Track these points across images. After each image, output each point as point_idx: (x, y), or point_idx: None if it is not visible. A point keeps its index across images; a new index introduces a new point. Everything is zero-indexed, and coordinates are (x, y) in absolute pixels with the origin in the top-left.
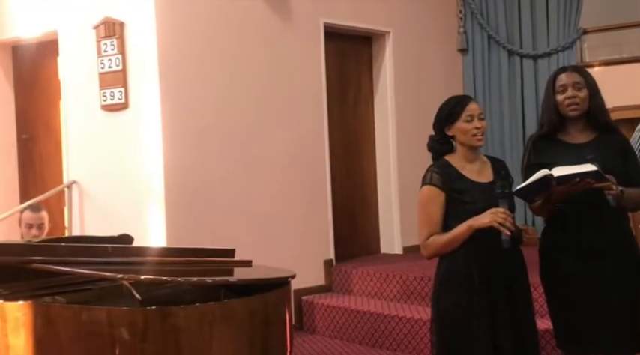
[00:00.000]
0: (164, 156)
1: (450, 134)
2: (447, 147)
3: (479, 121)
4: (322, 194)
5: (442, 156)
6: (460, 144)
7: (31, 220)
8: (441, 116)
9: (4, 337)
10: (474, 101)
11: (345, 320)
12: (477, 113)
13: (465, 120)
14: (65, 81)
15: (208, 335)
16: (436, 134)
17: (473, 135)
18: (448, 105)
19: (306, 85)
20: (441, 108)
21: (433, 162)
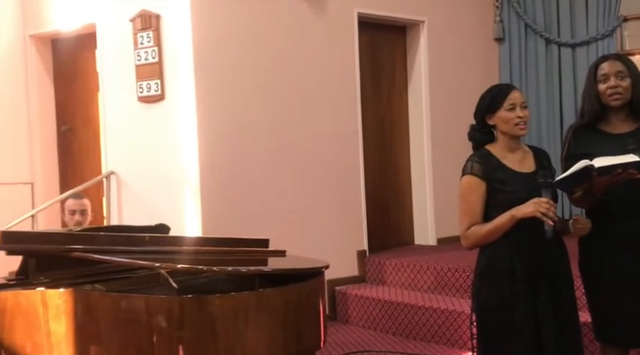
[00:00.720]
0: (199, 147)
1: (492, 123)
2: (488, 137)
3: (521, 110)
4: (355, 185)
5: (483, 146)
6: (502, 133)
7: (74, 206)
8: (482, 105)
9: (45, 323)
10: (516, 90)
11: (379, 311)
12: (519, 102)
13: (507, 109)
14: (103, 73)
15: (243, 324)
16: (477, 123)
17: (515, 125)
18: (490, 93)
19: (340, 75)
20: (483, 96)
21: (474, 151)
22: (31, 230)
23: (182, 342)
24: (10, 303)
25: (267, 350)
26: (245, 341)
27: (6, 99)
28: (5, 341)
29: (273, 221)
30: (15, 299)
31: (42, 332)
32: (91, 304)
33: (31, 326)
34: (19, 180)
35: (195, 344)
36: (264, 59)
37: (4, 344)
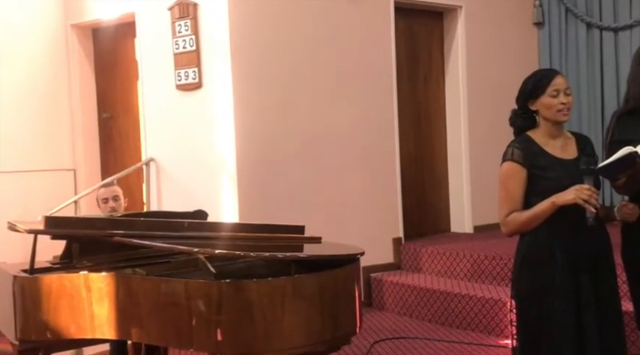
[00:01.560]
0: (236, 134)
1: (534, 109)
2: (530, 123)
3: (565, 96)
4: (391, 172)
5: (524, 132)
6: (544, 119)
7: (106, 194)
8: (525, 90)
9: (89, 306)
10: (560, 75)
11: (415, 298)
12: (563, 88)
13: (551, 95)
14: (142, 61)
15: (280, 309)
16: (519, 108)
17: (558, 111)
18: (533, 78)
19: (376, 62)
20: (526, 81)
21: (515, 137)
22: (74, 215)
23: (220, 326)
24: (55, 286)
25: (304, 335)
26: (282, 326)
27: (49, 88)
28: (50, 323)
29: (309, 207)
30: (60, 282)
31: (85, 314)
32: (132, 288)
33: (75, 308)
34: (62, 166)
35: (233, 327)
36: (301, 46)
37: (49, 326)
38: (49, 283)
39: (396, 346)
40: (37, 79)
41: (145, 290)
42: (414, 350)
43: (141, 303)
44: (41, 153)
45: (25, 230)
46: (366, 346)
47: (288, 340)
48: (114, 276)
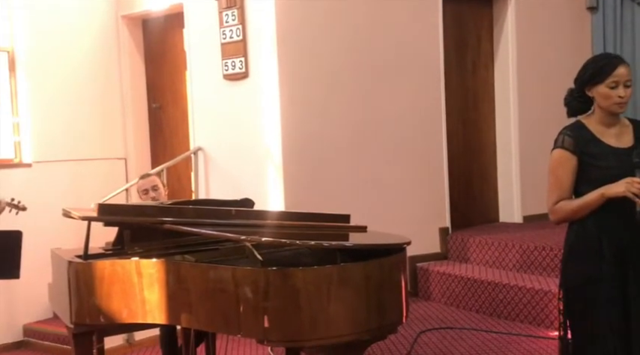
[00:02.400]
0: (282, 123)
1: (590, 95)
2: (585, 106)
3: (624, 89)
4: (438, 160)
5: (578, 114)
6: (599, 107)
7: (145, 185)
8: (584, 74)
9: (140, 291)
10: (624, 65)
11: (462, 288)
12: (623, 80)
13: (609, 86)
14: (190, 52)
15: (326, 297)
16: (576, 90)
17: (614, 103)
18: (594, 65)
19: (423, 50)
20: (587, 65)
21: (567, 117)
22: (126, 203)
23: (267, 313)
24: (107, 272)
25: (350, 323)
26: (328, 314)
27: (101, 79)
28: (104, 307)
29: (354, 196)
30: (112, 268)
31: (137, 299)
32: (182, 274)
33: (127, 293)
34: (113, 155)
35: (280, 315)
36: (347, 34)
37: (102, 310)
38: (102, 269)
39: (442, 336)
40: (90, 70)
41: (194, 276)
42: (462, 340)
43: (190, 289)
44: (94, 143)
45: (79, 217)
46: (413, 335)
47: (334, 328)
48: (164, 263)
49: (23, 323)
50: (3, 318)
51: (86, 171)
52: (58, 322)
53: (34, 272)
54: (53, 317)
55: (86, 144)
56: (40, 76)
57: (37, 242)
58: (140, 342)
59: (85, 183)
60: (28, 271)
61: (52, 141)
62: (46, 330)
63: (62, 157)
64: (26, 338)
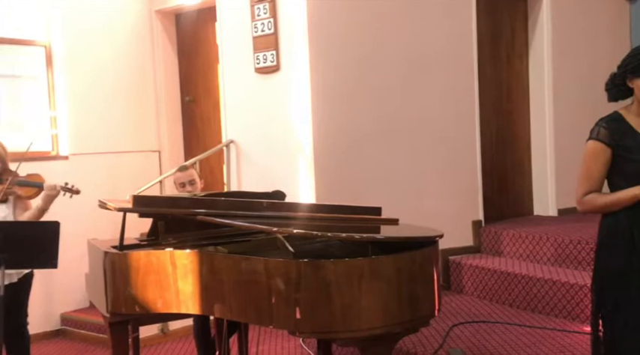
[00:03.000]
0: (313, 116)
1: (630, 86)
2: (625, 94)
3: None
4: (471, 153)
5: (619, 99)
6: (638, 100)
7: (182, 179)
8: (626, 63)
9: (174, 282)
10: None
11: (495, 281)
12: None
13: None
14: (222, 45)
15: (357, 289)
16: (618, 77)
17: None
18: (635, 57)
19: (456, 40)
20: (629, 55)
21: (608, 101)
22: (160, 195)
23: (299, 304)
24: (142, 262)
25: (381, 315)
26: (359, 306)
27: (135, 73)
28: (139, 297)
29: (386, 189)
30: (147, 259)
31: (171, 289)
32: (215, 265)
33: (162, 283)
34: (147, 148)
35: (311, 306)
36: (379, 27)
37: (138, 300)
38: (138, 259)
39: (475, 330)
40: (124, 64)
41: (227, 267)
42: (494, 334)
43: (223, 280)
44: (128, 135)
45: (115, 208)
46: (445, 329)
47: (365, 320)
48: (197, 254)
49: (61, 312)
50: (41, 307)
51: (121, 164)
52: (94, 311)
53: (72, 262)
54: (90, 306)
55: (121, 137)
56: (76, 70)
57: (74, 232)
58: (174, 332)
59: (119, 175)
60: (65, 261)
61: (88, 134)
62: (83, 319)
63: (98, 150)
64: (64, 327)
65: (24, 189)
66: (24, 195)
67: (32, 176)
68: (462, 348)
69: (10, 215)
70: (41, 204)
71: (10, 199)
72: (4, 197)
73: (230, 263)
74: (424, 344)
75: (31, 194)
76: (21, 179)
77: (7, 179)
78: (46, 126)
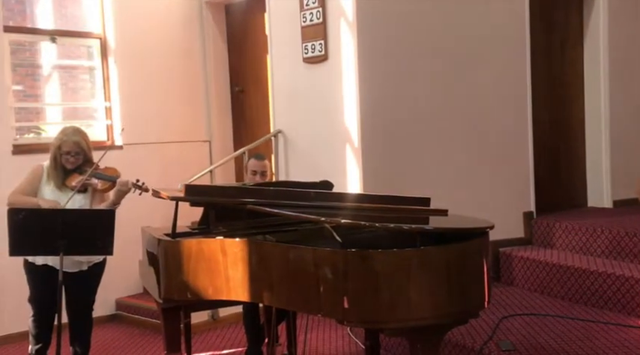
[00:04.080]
0: (361, 106)
1: None
2: None
3: None
4: (523, 143)
5: None
6: None
7: (255, 167)
8: None
9: (224, 269)
10: None
11: (546, 274)
12: None
13: None
14: (271, 35)
15: (406, 280)
16: None
17: None
18: None
19: (509, 29)
20: None
21: None
22: (210, 184)
23: (347, 294)
24: (194, 250)
25: (430, 306)
26: (407, 297)
27: (186, 64)
28: (190, 284)
29: (434, 179)
30: (198, 246)
31: (221, 277)
32: (264, 253)
33: (212, 271)
34: (198, 138)
35: (359, 296)
36: (428, 14)
37: (189, 287)
38: (189, 247)
39: (526, 322)
40: (175, 55)
41: (275, 256)
42: (546, 327)
43: (271, 268)
44: (180, 126)
45: (168, 197)
46: (495, 321)
47: (413, 311)
48: (247, 242)
49: (116, 298)
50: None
51: (172, 153)
52: (148, 297)
53: (126, 249)
54: (143, 292)
55: (172, 128)
56: (129, 61)
57: (128, 220)
58: (224, 318)
59: (171, 165)
60: (120, 248)
61: (140, 125)
62: (136, 305)
63: (150, 140)
64: (119, 312)
65: (100, 182)
66: (100, 188)
67: (109, 169)
68: (511, 340)
69: (86, 205)
70: (113, 198)
71: (89, 190)
72: (82, 187)
73: (278, 252)
74: (473, 335)
75: (105, 187)
76: (99, 171)
77: (86, 170)
78: (101, 116)
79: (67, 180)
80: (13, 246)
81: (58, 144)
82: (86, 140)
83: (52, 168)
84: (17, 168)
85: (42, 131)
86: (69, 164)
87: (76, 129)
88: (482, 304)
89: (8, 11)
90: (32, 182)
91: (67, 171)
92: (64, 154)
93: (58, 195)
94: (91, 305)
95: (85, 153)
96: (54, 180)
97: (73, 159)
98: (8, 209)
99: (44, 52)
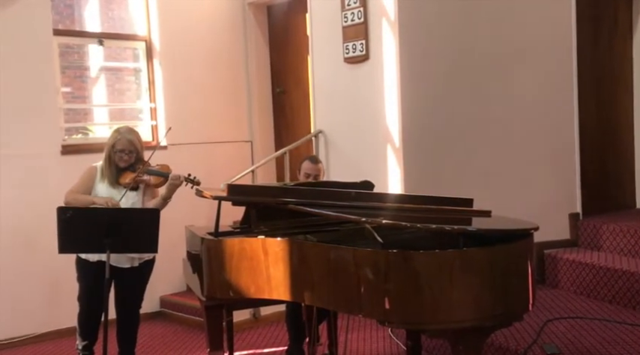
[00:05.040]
0: (401, 106)
1: None
2: None
3: None
4: (569, 143)
5: None
6: None
7: (310, 170)
8: None
9: (266, 269)
10: None
11: (593, 277)
12: None
13: None
14: (312, 36)
15: (448, 281)
16: None
17: None
18: None
19: (554, 25)
20: None
21: None
22: (252, 184)
23: (388, 294)
24: (236, 249)
25: (472, 309)
26: (449, 299)
27: (228, 65)
28: (233, 282)
29: (477, 180)
30: (240, 246)
31: (263, 276)
32: (305, 253)
33: (254, 270)
34: (240, 138)
35: (400, 297)
36: (471, 13)
37: (232, 285)
38: (232, 246)
39: (571, 326)
40: (218, 57)
41: (316, 255)
42: (593, 331)
43: (312, 268)
44: (222, 126)
45: (211, 196)
46: (539, 324)
47: (456, 313)
48: (288, 242)
49: (160, 295)
50: None
51: (215, 154)
52: (191, 295)
53: (171, 247)
54: (187, 290)
55: (215, 128)
56: (173, 63)
57: (172, 219)
58: (266, 317)
59: (214, 165)
60: (164, 246)
61: (184, 125)
62: (180, 302)
63: (194, 140)
64: (163, 309)
65: (153, 178)
66: (153, 183)
67: (161, 166)
68: (556, 344)
69: (139, 202)
70: (165, 192)
71: (140, 187)
72: (135, 184)
73: (319, 251)
74: (517, 338)
75: (158, 183)
76: (151, 168)
77: (139, 167)
78: (146, 117)
79: (120, 178)
80: (62, 244)
81: (112, 142)
82: (139, 139)
83: (106, 167)
84: (66, 168)
85: (89, 132)
86: (122, 162)
87: (130, 129)
88: (527, 306)
89: (57, 15)
90: (86, 182)
91: (120, 169)
92: (117, 152)
93: (111, 192)
94: (140, 302)
95: (137, 152)
96: (108, 178)
97: (126, 157)
98: (57, 207)
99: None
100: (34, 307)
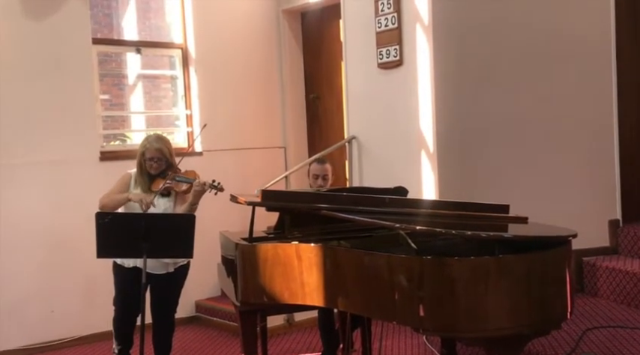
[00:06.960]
0: (436, 112)
1: None
2: None
3: None
4: (608, 147)
5: None
6: None
7: (317, 171)
8: None
9: (299, 274)
10: None
11: (634, 285)
12: None
13: None
14: (346, 42)
15: (483, 288)
16: None
17: None
18: None
19: (593, 29)
20: None
21: None
22: (286, 190)
23: (422, 301)
24: (270, 254)
25: (509, 315)
26: (485, 306)
27: (263, 72)
28: (267, 288)
29: (513, 186)
30: (274, 251)
31: (297, 281)
32: (338, 259)
33: (288, 275)
34: (274, 144)
35: (435, 304)
36: (506, 14)
37: (265, 290)
38: (266, 251)
39: (611, 335)
40: (253, 63)
41: (350, 262)
42: (633, 340)
43: (346, 274)
44: (256, 132)
45: (245, 202)
46: (578, 333)
47: (492, 320)
48: (321, 247)
49: (195, 300)
50: None
51: (249, 160)
52: (225, 300)
53: (205, 252)
54: (221, 295)
55: (249, 134)
56: (208, 70)
57: (207, 225)
58: (299, 323)
59: (248, 171)
60: (200, 251)
61: (219, 132)
62: (215, 307)
63: (228, 146)
64: (198, 314)
65: (180, 185)
66: (180, 189)
67: (188, 172)
68: (595, 353)
69: (170, 208)
70: (191, 198)
71: (172, 193)
72: (165, 191)
73: (353, 257)
74: (555, 347)
75: (185, 189)
76: (178, 175)
77: (168, 174)
78: (182, 123)
79: (152, 184)
80: (100, 249)
81: (141, 151)
82: (168, 146)
83: (138, 174)
84: (104, 174)
85: (127, 138)
86: (152, 169)
87: (158, 137)
88: (565, 315)
89: (96, 24)
90: (121, 188)
91: (152, 176)
92: (147, 160)
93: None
94: (175, 307)
95: (167, 159)
96: (141, 186)
97: (155, 164)
98: (96, 213)
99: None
100: (71, 310)
